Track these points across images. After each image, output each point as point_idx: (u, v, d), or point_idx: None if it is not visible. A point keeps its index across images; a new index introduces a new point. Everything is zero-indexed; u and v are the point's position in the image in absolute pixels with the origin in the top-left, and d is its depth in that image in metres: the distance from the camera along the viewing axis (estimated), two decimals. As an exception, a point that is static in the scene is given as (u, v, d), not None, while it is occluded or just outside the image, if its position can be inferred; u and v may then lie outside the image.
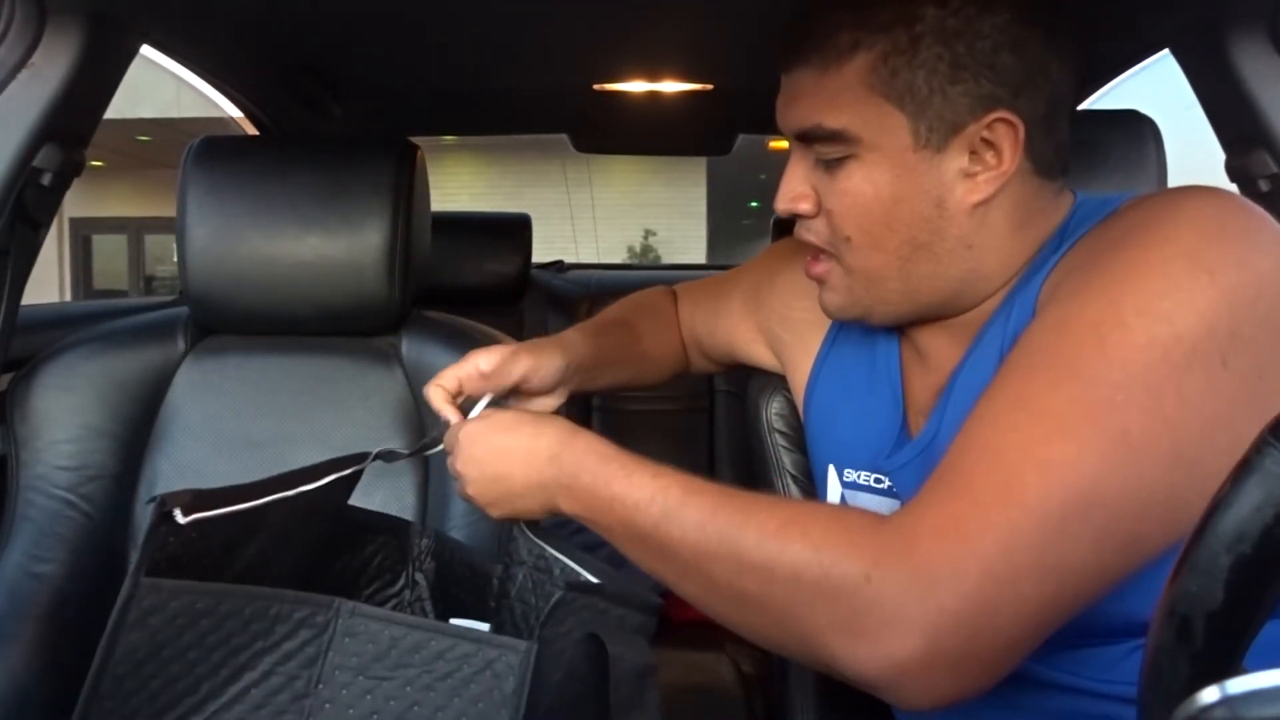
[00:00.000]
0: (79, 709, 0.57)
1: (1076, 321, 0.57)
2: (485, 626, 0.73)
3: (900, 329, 0.79)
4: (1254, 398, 0.54)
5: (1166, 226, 0.58)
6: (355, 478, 0.74)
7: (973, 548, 0.52)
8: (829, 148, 0.68)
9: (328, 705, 0.60)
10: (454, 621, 0.75)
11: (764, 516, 0.59)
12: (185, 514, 0.58)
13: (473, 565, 0.77)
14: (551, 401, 0.84)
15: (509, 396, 0.81)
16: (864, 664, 0.53)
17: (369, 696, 0.60)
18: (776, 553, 0.56)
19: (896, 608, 0.52)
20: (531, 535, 0.72)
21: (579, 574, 0.69)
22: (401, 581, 0.79)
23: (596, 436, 0.70)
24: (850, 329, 0.84)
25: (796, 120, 0.70)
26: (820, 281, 0.75)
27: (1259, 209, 0.59)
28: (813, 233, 0.72)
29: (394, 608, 0.78)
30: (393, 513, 0.99)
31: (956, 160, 0.65)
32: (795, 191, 0.71)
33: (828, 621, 0.54)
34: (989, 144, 0.65)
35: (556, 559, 0.71)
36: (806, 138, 0.69)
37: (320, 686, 0.61)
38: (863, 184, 0.67)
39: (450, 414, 0.76)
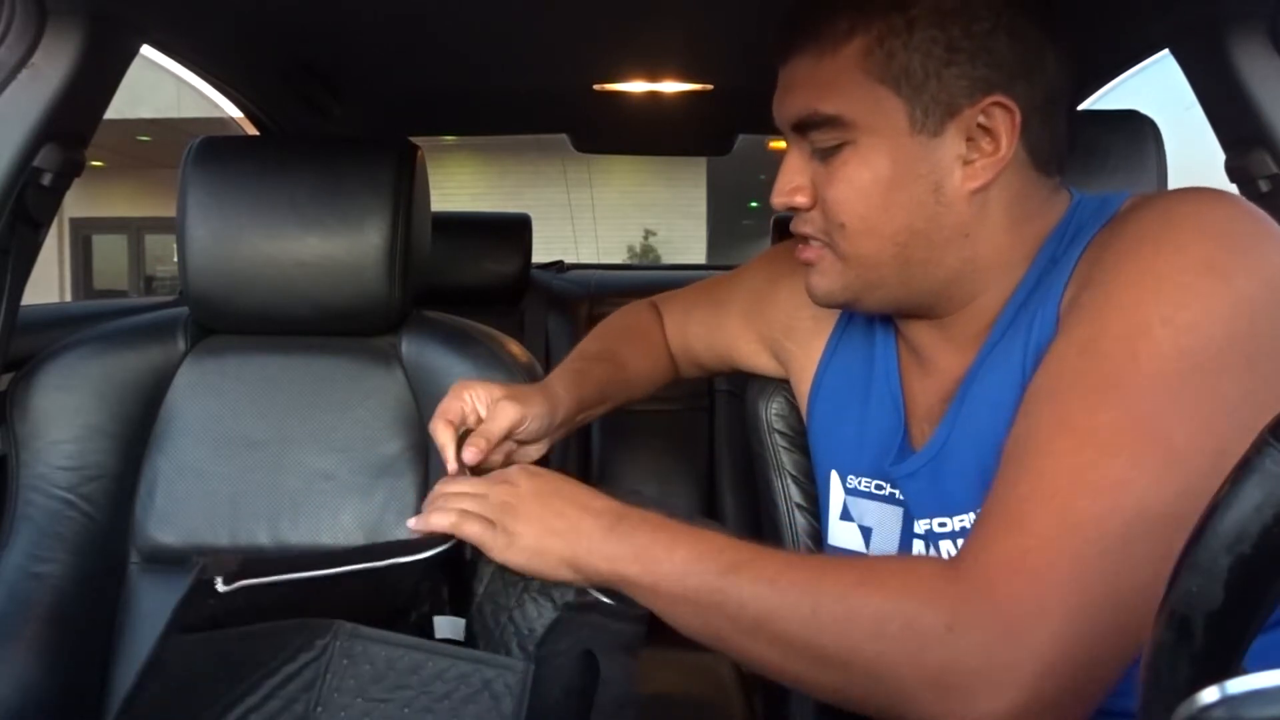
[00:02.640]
0: None
1: (1104, 339, 0.57)
2: (462, 623, 0.72)
3: (896, 330, 0.78)
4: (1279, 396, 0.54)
5: (1178, 235, 0.58)
6: (417, 568, 0.71)
7: (1047, 589, 0.52)
8: (825, 135, 0.67)
9: None
10: (436, 620, 0.74)
11: (838, 572, 0.58)
12: (228, 582, 0.58)
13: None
14: (536, 450, 0.82)
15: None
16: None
17: (368, 718, 0.60)
18: (857, 606, 0.55)
19: (986, 658, 0.51)
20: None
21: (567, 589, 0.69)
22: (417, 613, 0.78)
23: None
24: (852, 333, 0.84)
25: (793, 110, 0.69)
26: (809, 265, 0.74)
27: (1259, 210, 0.60)
28: (808, 224, 0.72)
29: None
30: (392, 514, 1.00)
31: (953, 146, 0.65)
32: (792, 184, 0.71)
33: (915, 677, 0.53)
34: (985, 130, 0.65)
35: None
36: (802, 126, 0.69)
37: (319, 709, 0.60)
38: (859, 170, 0.67)
39: (450, 458, 0.74)
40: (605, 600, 0.66)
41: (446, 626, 0.74)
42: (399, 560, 0.68)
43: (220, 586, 0.58)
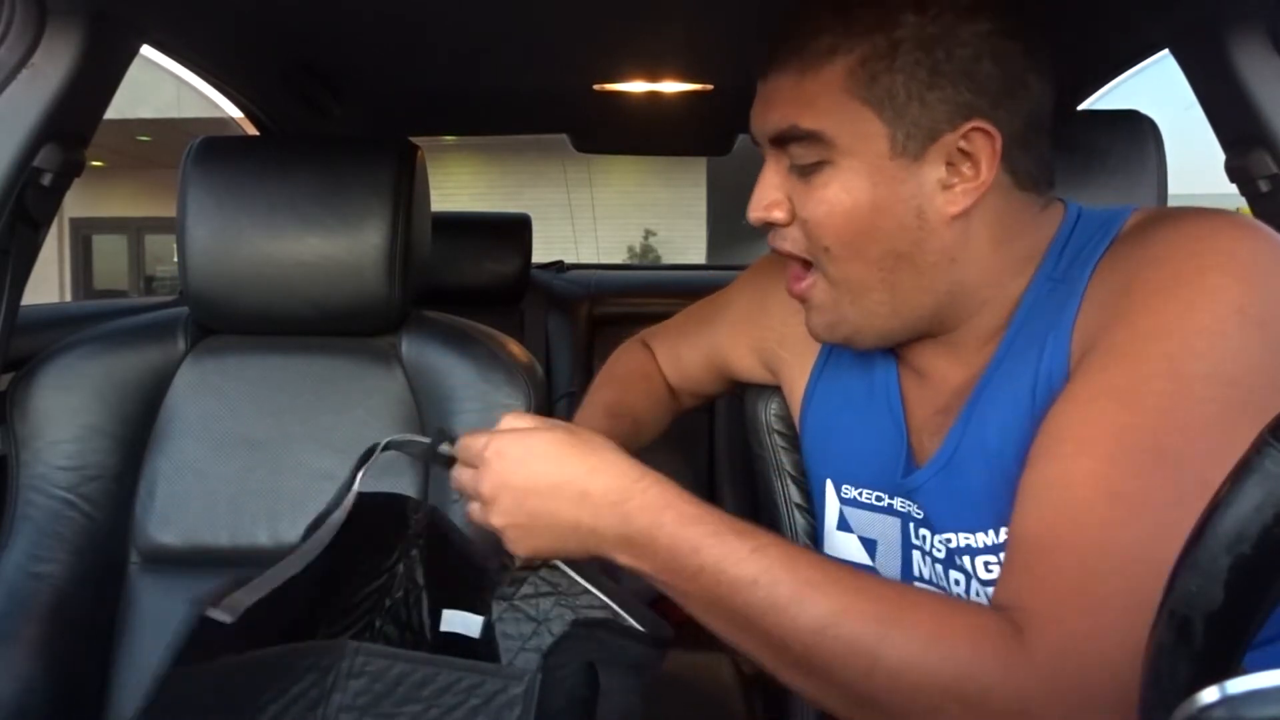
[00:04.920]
0: None
1: (1146, 395, 0.56)
2: (479, 621, 0.72)
3: (895, 350, 0.78)
4: None
5: (1210, 279, 0.57)
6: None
7: (1113, 673, 0.52)
8: (804, 150, 0.67)
9: None
10: (446, 614, 0.74)
11: (904, 626, 0.56)
12: (233, 612, 0.58)
13: (468, 555, 0.75)
14: None
15: None
16: None
17: None
18: (924, 672, 0.54)
19: (1027, 709, 0.52)
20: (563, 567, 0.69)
21: (595, 597, 0.67)
22: (395, 555, 0.78)
23: (667, 481, 0.61)
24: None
25: (772, 123, 0.69)
26: (804, 300, 0.73)
27: (1275, 235, 0.60)
28: (789, 241, 0.71)
29: (385, 581, 0.77)
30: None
31: (934, 170, 0.65)
32: (769, 199, 0.70)
33: None
34: (966, 155, 0.65)
35: (575, 580, 0.68)
36: (781, 140, 0.68)
37: None
38: (840, 193, 0.66)
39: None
40: (627, 621, 0.66)
41: (457, 621, 0.74)
42: (346, 510, 0.69)
43: (225, 618, 0.58)
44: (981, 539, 0.67)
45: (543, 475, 0.62)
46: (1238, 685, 0.28)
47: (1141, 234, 0.64)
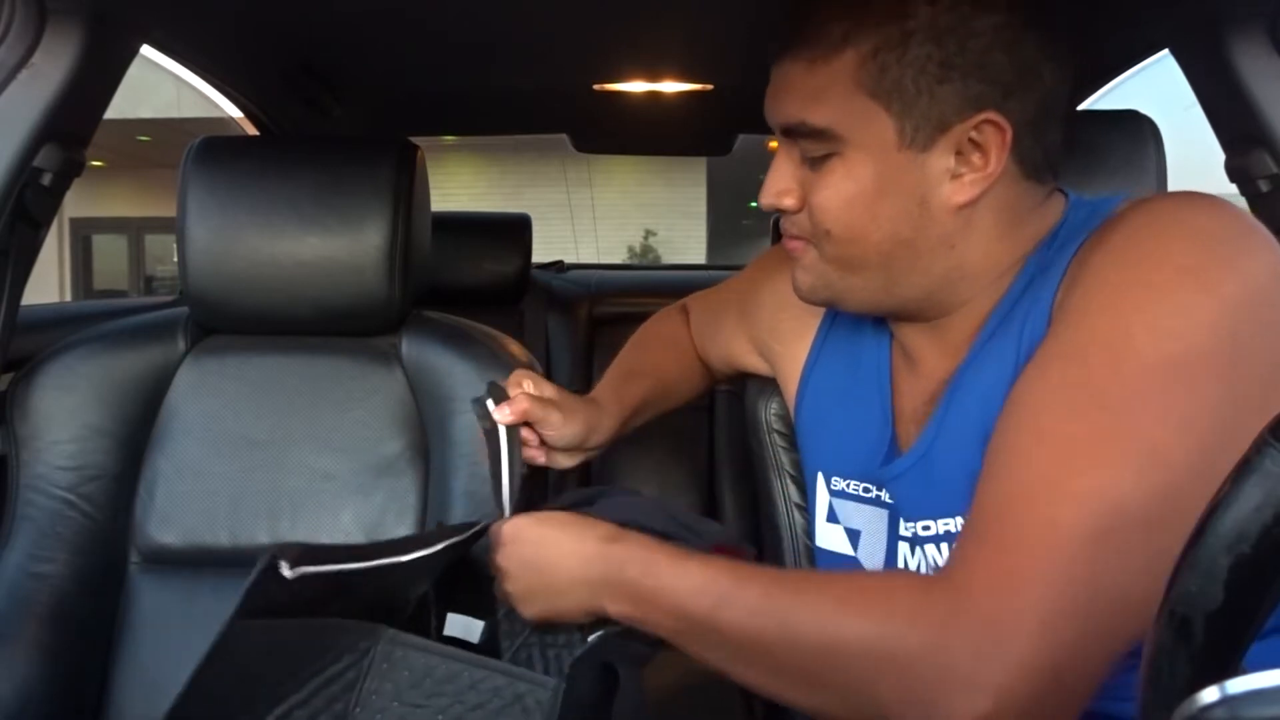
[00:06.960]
0: None
1: (1088, 347, 0.57)
2: (479, 625, 0.73)
3: (889, 332, 0.78)
4: (1262, 400, 0.54)
5: (1162, 241, 0.58)
6: (461, 546, 0.74)
7: (1028, 598, 0.52)
8: (813, 144, 0.67)
9: None
10: (450, 618, 0.75)
11: (817, 595, 0.59)
12: (293, 567, 0.60)
13: (476, 564, 0.76)
14: (568, 460, 0.85)
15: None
16: None
17: None
18: (838, 632, 0.57)
19: (965, 671, 0.52)
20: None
21: None
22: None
23: (642, 535, 0.69)
24: (837, 335, 0.84)
25: (782, 115, 0.69)
26: (795, 258, 0.74)
27: (1244, 213, 0.60)
28: (796, 225, 0.72)
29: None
30: (392, 514, 1.00)
31: (942, 160, 0.65)
32: (779, 187, 0.71)
33: (899, 695, 0.54)
34: (976, 145, 0.64)
35: None
36: (791, 133, 0.69)
37: (358, 709, 0.62)
38: (845, 181, 0.67)
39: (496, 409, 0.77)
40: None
41: (459, 626, 0.75)
42: (453, 541, 0.71)
43: (286, 572, 0.59)
44: (943, 524, 0.68)
45: (543, 538, 0.70)
46: (1238, 685, 0.28)
47: (1122, 216, 0.64)
